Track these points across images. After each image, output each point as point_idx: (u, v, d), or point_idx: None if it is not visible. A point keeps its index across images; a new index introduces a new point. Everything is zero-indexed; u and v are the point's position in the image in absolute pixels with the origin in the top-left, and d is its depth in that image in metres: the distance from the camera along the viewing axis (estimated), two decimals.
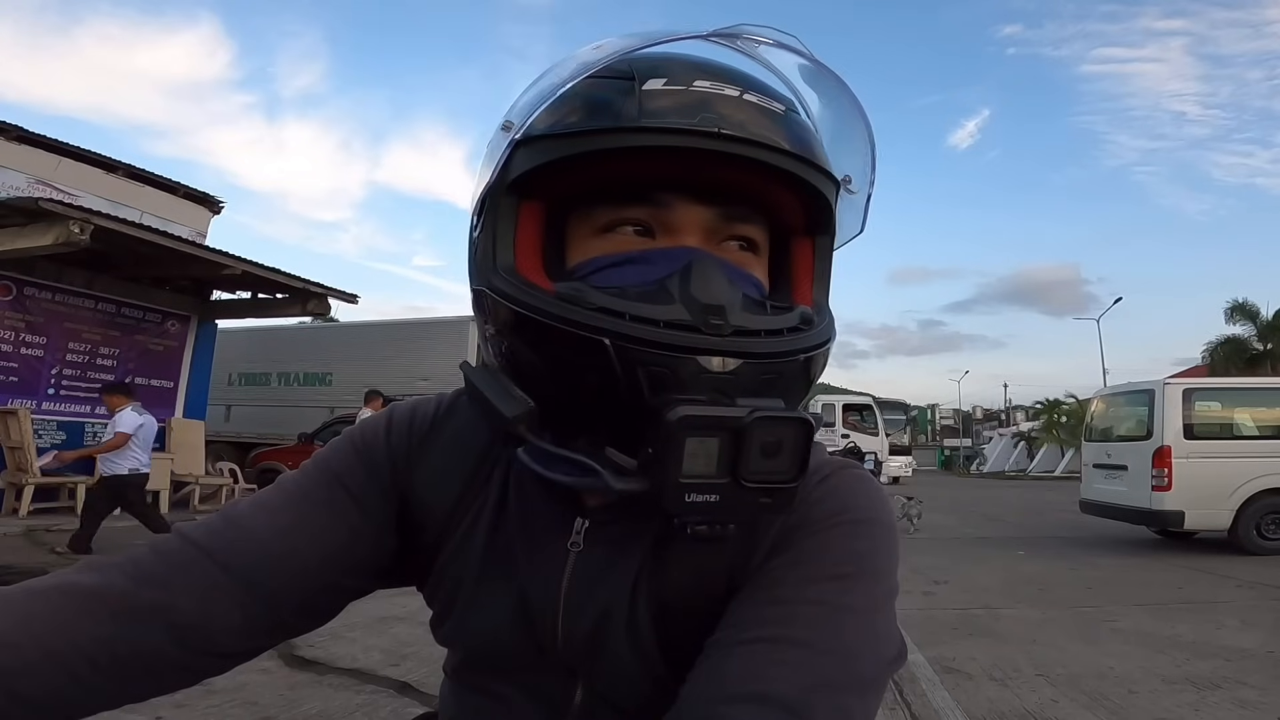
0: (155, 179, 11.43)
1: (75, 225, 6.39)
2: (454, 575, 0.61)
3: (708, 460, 0.43)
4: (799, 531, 0.53)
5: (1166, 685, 3.35)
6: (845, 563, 0.51)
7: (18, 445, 7.56)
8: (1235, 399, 8.20)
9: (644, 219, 0.53)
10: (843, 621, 0.48)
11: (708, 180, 0.52)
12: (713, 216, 0.53)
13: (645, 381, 0.46)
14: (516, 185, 0.52)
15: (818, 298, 0.57)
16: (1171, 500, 7.47)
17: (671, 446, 0.43)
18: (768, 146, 0.50)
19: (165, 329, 9.45)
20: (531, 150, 0.51)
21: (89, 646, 0.48)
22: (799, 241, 0.58)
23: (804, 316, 0.52)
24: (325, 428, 10.79)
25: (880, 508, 0.56)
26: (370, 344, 12.78)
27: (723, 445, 0.43)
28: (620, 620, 0.56)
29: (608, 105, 0.49)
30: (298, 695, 2.84)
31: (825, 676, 0.46)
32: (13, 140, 9.83)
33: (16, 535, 6.46)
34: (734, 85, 0.51)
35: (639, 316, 0.46)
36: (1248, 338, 25.09)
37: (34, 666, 0.46)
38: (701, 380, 0.46)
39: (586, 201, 0.54)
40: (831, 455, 0.62)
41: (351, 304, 9.84)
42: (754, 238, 0.56)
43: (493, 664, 0.62)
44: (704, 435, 0.43)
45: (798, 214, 0.56)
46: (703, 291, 0.47)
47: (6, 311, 7.88)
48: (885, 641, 0.50)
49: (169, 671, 0.52)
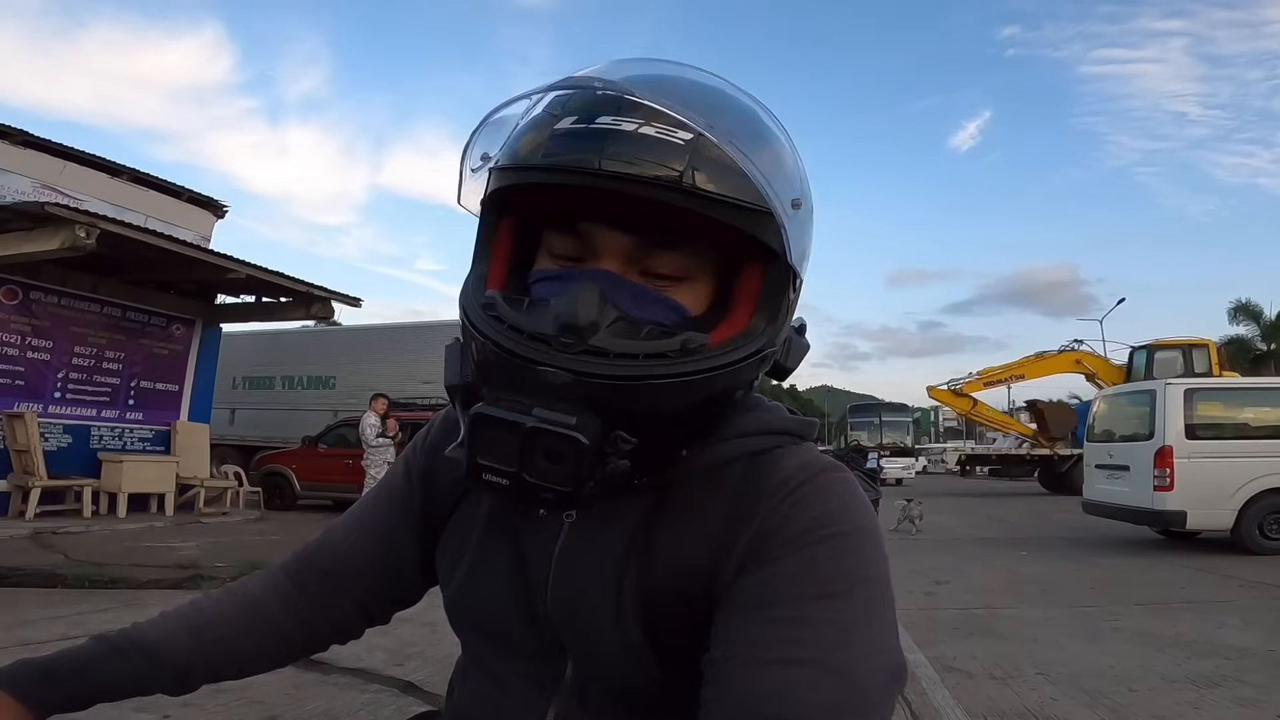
0: (159, 183, 11.50)
1: (81, 229, 6.43)
2: (458, 542, 0.68)
3: (504, 452, 0.52)
4: (781, 546, 0.54)
5: (1166, 684, 3.36)
6: (838, 579, 0.53)
7: (24, 448, 7.60)
8: (1237, 399, 8.19)
9: (572, 244, 0.60)
10: (848, 640, 0.50)
11: (621, 210, 0.55)
12: (631, 244, 0.58)
13: (499, 378, 0.55)
14: (493, 203, 0.61)
15: (753, 324, 0.57)
16: (1174, 500, 7.47)
17: (471, 433, 0.53)
18: (639, 180, 0.52)
19: (170, 333, 9.51)
20: (494, 177, 0.60)
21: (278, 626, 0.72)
22: (747, 266, 0.59)
23: (684, 345, 0.54)
24: (329, 431, 10.82)
25: (860, 514, 0.57)
26: (373, 347, 12.81)
27: (516, 443, 0.51)
28: (602, 594, 0.59)
29: (534, 146, 0.56)
30: (303, 694, 2.87)
31: (840, 698, 0.48)
32: (18, 145, 9.89)
33: (24, 537, 6.48)
34: (635, 118, 0.53)
35: (513, 326, 0.55)
36: (1251, 338, 25.04)
37: (244, 633, 0.70)
38: (540, 386, 0.52)
39: (545, 223, 0.62)
40: (823, 453, 0.64)
41: (355, 307, 9.89)
42: (678, 266, 0.58)
43: (489, 632, 0.66)
44: (500, 430, 0.52)
45: (737, 240, 0.56)
46: (568, 311, 0.53)
47: (13, 315, 7.93)
48: (891, 652, 0.52)
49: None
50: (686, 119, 0.52)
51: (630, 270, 0.58)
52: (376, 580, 0.74)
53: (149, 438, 9.20)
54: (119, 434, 8.90)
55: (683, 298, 0.59)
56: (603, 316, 0.54)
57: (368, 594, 0.74)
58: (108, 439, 8.77)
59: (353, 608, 0.74)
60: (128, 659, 0.63)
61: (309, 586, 0.73)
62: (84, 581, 4.75)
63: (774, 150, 0.59)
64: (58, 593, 4.57)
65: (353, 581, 0.73)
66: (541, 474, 0.52)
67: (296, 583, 0.73)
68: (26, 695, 0.57)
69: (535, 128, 0.56)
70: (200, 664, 0.66)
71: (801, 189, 0.60)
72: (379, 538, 0.74)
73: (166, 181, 11.61)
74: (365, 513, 0.76)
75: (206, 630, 0.67)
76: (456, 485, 0.70)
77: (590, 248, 0.59)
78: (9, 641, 3.41)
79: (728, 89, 0.61)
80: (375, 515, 0.75)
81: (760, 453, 0.61)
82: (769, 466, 0.60)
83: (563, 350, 0.52)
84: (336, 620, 0.74)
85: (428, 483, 0.73)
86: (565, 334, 0.52)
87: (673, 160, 0.52)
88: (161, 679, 0.64)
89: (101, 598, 4.45)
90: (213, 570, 5.15)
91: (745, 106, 0.60)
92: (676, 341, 0.54)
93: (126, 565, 5.25)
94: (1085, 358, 19.04)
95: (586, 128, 0.54)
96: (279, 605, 0.72)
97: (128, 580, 4.85)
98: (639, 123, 0.53)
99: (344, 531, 0.75)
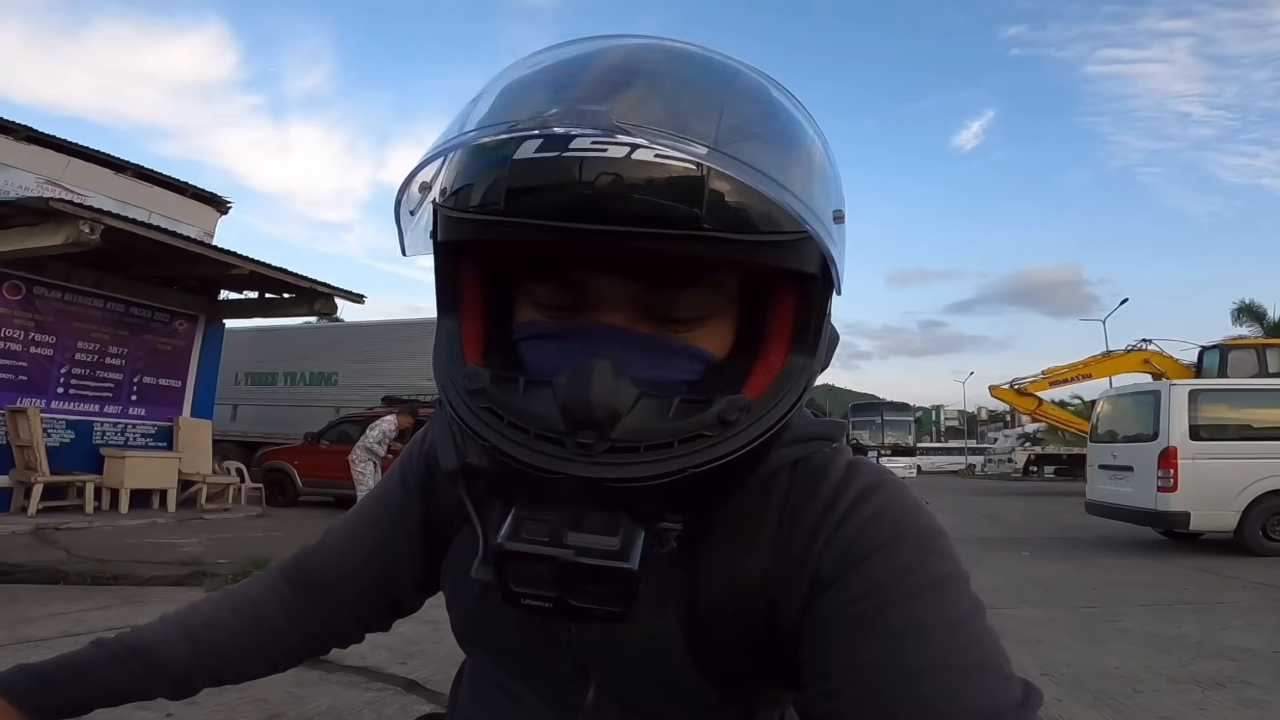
0: (163, 179, 11.51)
1: (86, 225, 6.43)
2: (466, 564, 0.63)
3: (535, 581, 0.45)
4: (866, 559, 0.50)
5: (1171, 685, 3.35)
6: (936, 581, 0.48)
7: (27, 444, 7.61)
8: (1241, 400, 8.17)
9: (563, 293, 0.50)
10: (971, 635, 0.46)
11: (621, 252, 0.45)
12: (637, 291, 0.49)
13: (514, 481, 0.47)
14: (446, 247, 0.50)
15: (792, 363, 0.49)
16: (1177, 501, 7.46)
17: (498, 569, 0.45)
18: (632, 234, 0.42)
19: (173, 328, 9.50)
20: (444, 223, 0.49)
21: (276, 631, 0.70)
22: (777, 295, 0.50)
23: (721, 418, 0.45)
24: (331, 427, 10.84)
25: (926, 515, 0.53)
26: (375, 344, 12.81)
27: (553, 572, 0.44)
28: (637, 620, 0.54)
29: (486, 186, 0.45)
30: (306, 692, 2.87)
31: (989, 698, 0.43)
32: (22, 141, 9.90)
33: (26, 533, 6.49)
34: (626, 131, 0.40)
35: (514, 423, 0.46)
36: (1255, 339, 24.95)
37: (241, 638, 0.68)
38: (560, 491, 0.45)
39: (519, 269, 0.52)
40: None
41: (357, 304, 9.88)
42: (696, 307, 0.50)
43: (506, 655, 0.63)
44: (531, 561, 0.44)
45: (765, 268, 0.47)
46: (580, 403, 0.43)
47: (16, 311, 7.93)
48: (998, 635, 0.47)
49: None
50: (695, 133, 0.41)
51: (640, 320, 0.49)
52: (371, 591, 0.71)
53: (151, 434, 9.20)
54: (121, 430, 8.90)
55: (705, 342, 0.51)
56: (621, 400, 0.44)
57: (363, 604, 0.72)
58: (110, 435, 8.77)
59: (349, 615, 0.72)
60: (125, 664, 0.62)
61: (306, 593, 0.71)
62: (86, 578, 4.74)
63: (806, 150, 0.48)
64: (59, 589, 4.56)
65: (348, 591, 0.71)
66: (588, 598, 0.44)
67: (294, 588, 0.71)
68: (23, 701, 0.56)
69: (486, 161, 0.45)
70: (198, 668, 0.65)
71: (838, 194, 0.51)
72: (373, 549, 0.71)
73: (170, 178, 11.61)
74: (360, 522, 0.73)
75: (204, 634, 0.66)
76: (461, 503, 0.66)
77: (588, 296, 0.50)
78: (10, 639, 3.40)
79: (729, 67, 0.49)
80: (370, 525, 0.72)
81: (798, 461, 0.57)
82: (815, 476, 0.56)
83: (582, 455, 0.44)
84: (334, 626, 0.72)
85: (428, 494, 0.69)
86: (580, 433, 0.44)
87: (684, 194, 0.42)
88: (160, 684, 0.63)
89: (103, 594, 4.44)
90: (215, 567, 5.15)
91: (758, 93, 0.49)
92: (712, 415, 0.45)
93: (128, 562, 5.25)
94: (1154, 357, 18.63)
95: (558, 158, 0.42)
96: (277, 610, 0.70)
97: (130, 577, 4.84)
98: (631, 145, 0.41)
99: (338, 540, 0.73)
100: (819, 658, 0.49)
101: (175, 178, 11.72)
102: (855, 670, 0.46)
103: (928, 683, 0.44)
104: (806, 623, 0.51)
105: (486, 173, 0.45)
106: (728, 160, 0.41)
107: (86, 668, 0.60)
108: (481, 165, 0.45)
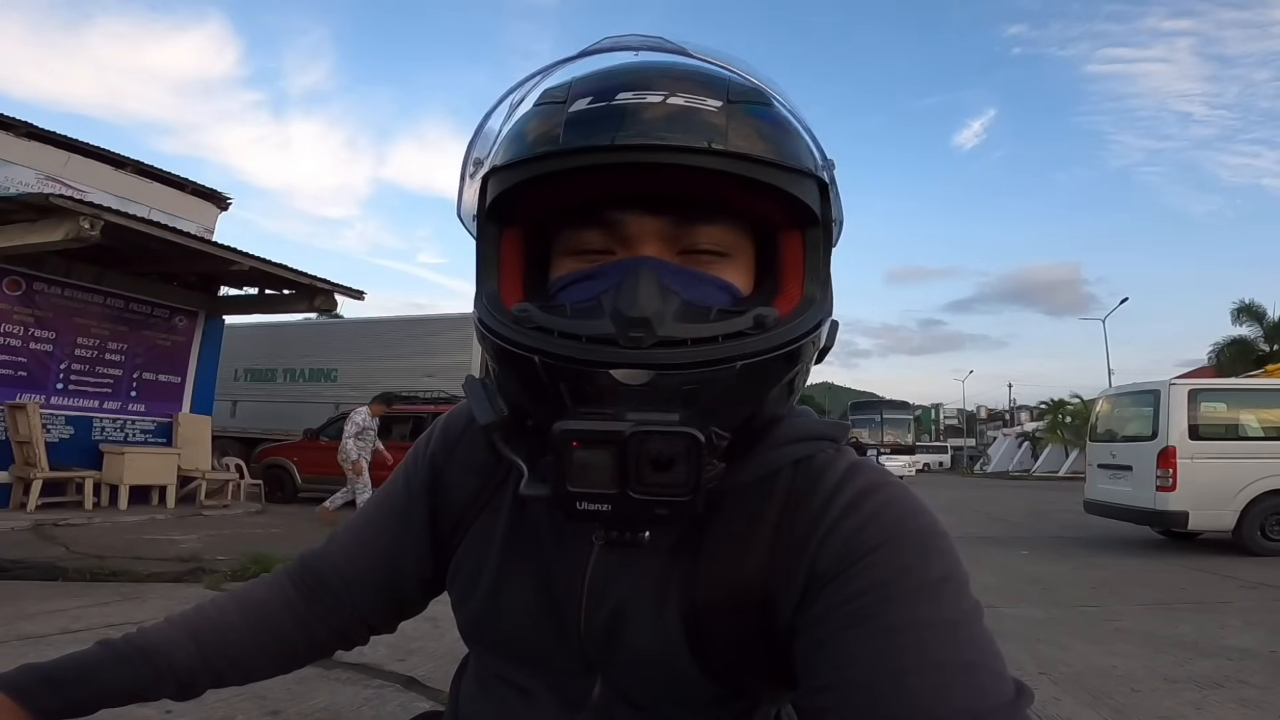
0: (163, 175, 11.48)
1: (86, 221, 6.42)
2: (473, 563, 0.65)
3: (599, 472, 0.45)
4: (864, 559, 0.50)
5: (1169, 684, 3.35)
6: (935, 581, 0.49)
7: (26, 440, 7.61)
8: (1241, 400, 8.17)
9: (599, 237, 0.55)
10: (967, 634, 0.47)
11: (651, 190, 0.52)
12: (666, 225, 0.54)
13: (567, 395, 0.49)
14: (494, 213, 0.56)
15: (809, 292, 0.54)
16: (1176, 501, 7.46)
17: (558, 458, 0.46)
18: (676, 148, 0.49)
19: (173, 324, 9.50)
20: (495, 181, 0.55)
21: (281, 633, 0.70)
22: (786, 235, 0.56)
23: (758, 319, 0.50)
24: (330, 423, 10.82)
25: (927, 515, 0.54)
26: (375, 340, 12.82)
27: (614, 458, 0.45)
28: (641, 616, 0.57)
29: (542, 133, 0.52)
30: (305, 689, 2.86)
31: (988, 684, 0.45)
32: (23, 136, 9.88)
33: (25, 529, 6.49)
34: (660, 89, 0.51)
35: (566, 333, 0.49)
36: (1254, 339, 24.97)
37: (248, 641, 0.68)
38: (617, 393, 0.47)
39: (559, 222, 0.57)
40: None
41: (358, 300, 9.87)
42: (720, 240, 0.55)
43: (515, 650, 0.64)
44: (593, 447, 0.45)
45: (774, 208, 0.54)
46: (629, 304, 0.48)
47: (16, 306, 7.93)
48: (994, 637, 0.48)
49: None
50: (715, 87, 0.51)
51: (670, 253, 0.54)
52: (376, 594, 0.72)
53: (151, 430, 9.20)
54: (121, 426, 8.90)
55: (730, 275, 0.56)
56: (666, 303, 0.49)
57: (368, 606, 0.73)
58: (110, 431, 8.78)
59: (355, 618, 0.73)
60: (131, 665, 0.62)
61: (312, 595, 0.72)
62: (85, 574, 4.74)
63: (800, 114, 0.57)
64: (58, 586, 4.56)
65: (353, 594, 0.72)
66: (650, 488, 0.45)
67: (300, 591, 0.72)
68: (29, 700, 0.57)
69: (543, 116, 0.53)
70: (204, 670, 0.65)
71: (821, 150, 0.58)
72: (377, 553, 0.72)
73: (170, 174, 11.59)
74: (364, 525, 0.74)
75: (211, 636, 0.66)
76: (469, 502, 0.67)
77: (621, 237, 0.55)
78: (9, 635, 3.40)
79: (733, 63, 0.58)
80: (374, 529, 0.73)
81: (800, 460, 0.58)
82: (816, 475, 0.57)
83: (634, 347, 0.47)
84: (339, 629, 0.73)
85: (434, 496, 0.70)
86: (632, 329, 0.48)
87: (708, 128, 0.50)
88: (166, 685, 0.64)
89: (103, 590, 4.44)
90: (214, 563, 5.15)
91: (758, 74, 0.58)
92: (749, 318, 0.50)
93: (128, 558, 5.25)
94: None
95: (607, 105, 0.50)
96: (284, 612, 0.71)
97: (129, 573, 4.84)
98: (664, 94, 0.50)
99: (343, 544, 0.74)
100: (813, 653, 0.50)
101: (175, 174, 11.70)
102: (849, 666, 0.47)
103: (920, 680, 0.45)
104: (802, 619, 0.52)
105: (543, 123, 0.53)
106: (741, 106, 0.52)
107: (92, 668, 0.61)
108: (539, 119, 0.53)
